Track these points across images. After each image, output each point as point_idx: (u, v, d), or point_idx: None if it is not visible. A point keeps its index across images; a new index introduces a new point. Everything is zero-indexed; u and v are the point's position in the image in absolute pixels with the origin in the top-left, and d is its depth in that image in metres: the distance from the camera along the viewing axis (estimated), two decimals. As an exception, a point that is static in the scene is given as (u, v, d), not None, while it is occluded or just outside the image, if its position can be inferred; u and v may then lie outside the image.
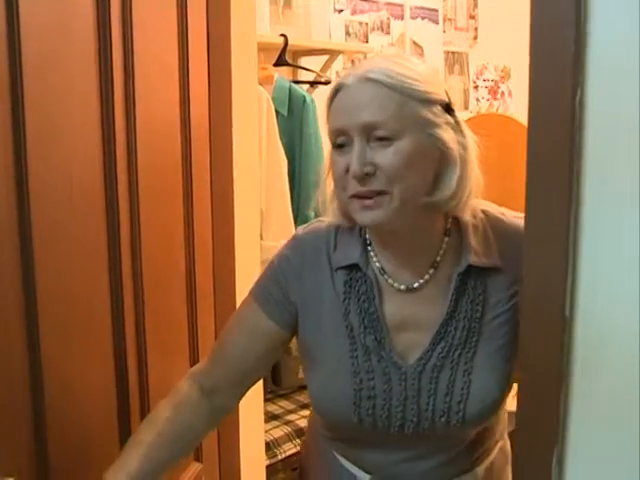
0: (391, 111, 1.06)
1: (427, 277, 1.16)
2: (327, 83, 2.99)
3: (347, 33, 3.39)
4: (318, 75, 2.99)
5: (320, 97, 2.91)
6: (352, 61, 3.41)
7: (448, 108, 1.13)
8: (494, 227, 1.19)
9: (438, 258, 1.16)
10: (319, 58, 3.11)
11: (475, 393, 1.14)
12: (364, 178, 1.06)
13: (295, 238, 1.26)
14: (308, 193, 2.61)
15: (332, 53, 3.10)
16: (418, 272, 1.16)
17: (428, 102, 1.09)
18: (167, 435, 1.22)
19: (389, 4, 3.58)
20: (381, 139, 1.06)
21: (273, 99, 2.44)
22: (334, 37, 3.32)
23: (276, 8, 3.07)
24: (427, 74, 1.12)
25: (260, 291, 1.26)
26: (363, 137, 1.07)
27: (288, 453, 2.42)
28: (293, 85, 2.63)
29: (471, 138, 1.15)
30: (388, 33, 3.58)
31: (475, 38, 4.08)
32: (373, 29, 3.51)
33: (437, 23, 3.85)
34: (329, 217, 1.22)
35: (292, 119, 2.58)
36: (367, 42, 3.47)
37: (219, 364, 1.28)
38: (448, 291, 1.15)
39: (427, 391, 1.14)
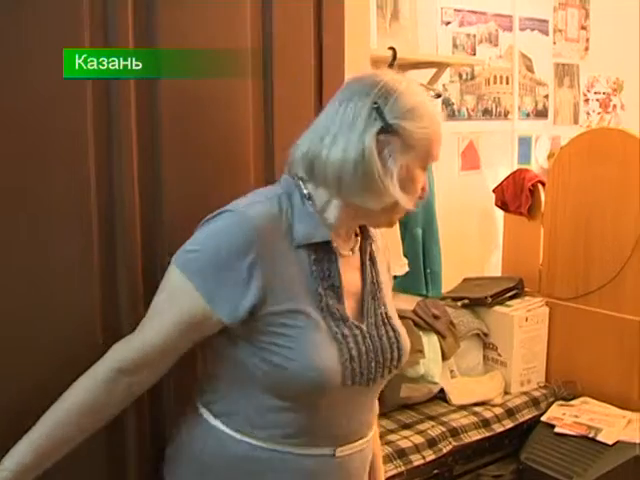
0: None
1: (358, 245, 1.34)
2: (438, 96, 2.94)
3: (454, 45, 3.33)
4: (427, 88, 2.93)
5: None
6: (459, 74, 3.35)
7: None
8: None
9: (357, 232, 1.35)
10: (425, 71, 3.06)
11: (402, 335, 1.36)
12: None
13: (238, 214, 1.22)
14: (415, 210, 2.57)
15: (439, 66, 3.04)
16: (351, 242, 1.34)
17: None
18: (74, 411, 1.23)
19: (498, 15, 3.50)
20: None
21: (381, 113, 2.40)
22: (441, 49, 3.27)
23: (383, 21, 3.05)
24: None
25: (202, 281, 1.19)
26: None
27: (388, 474, 2.38)
28: (402, 99, 2.59)
29: None
30: (496, 45, 3.50)
31: (586, 49, 3.94)
32: (481, 41, 3.43)
33: (547, 34, 3.74)
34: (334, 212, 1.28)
35: (401, 133, 2.54)
36: (474, 54, 3.41)
37: (139, 343, 1.25)
38: (364, 257, 1.34)
39: (382, 344, 1.31)
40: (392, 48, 2.66)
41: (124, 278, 1.38)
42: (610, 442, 2.54)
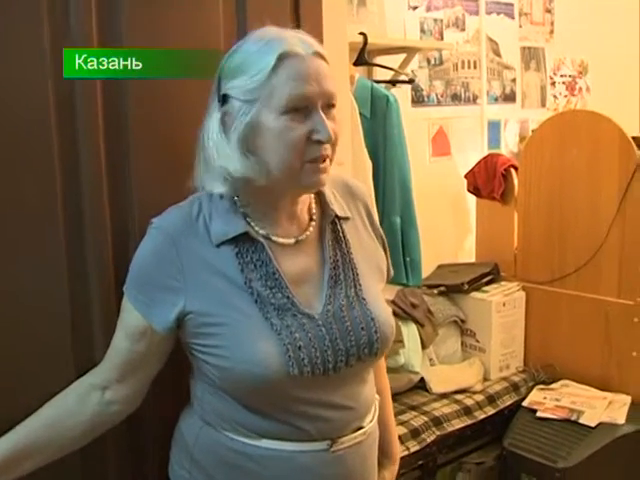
0: (334, 82, 1.19)
1: (311, 229, 1.29)
2: (411, 82, 2.90)
3: (422, 30, 3.29)
4: (398, 73, 2.90)
5: (400, 96, 2.83)
6: (428, 60, 3.32)
7: None
8: (337, 188, 1.37)
9: (314, 216, 1.31)
10: (395, 57, 3.03)
11: (379, 318, 1.28)
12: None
13: (153, 227, 1.25)
14: (393, 197, 2.53)
15: (408, 51, 3.01)
16: (300, 229, 1.29)
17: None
18: (44, 417, 1.24)
19: (464, 0, 3.47)
20: (330, 108, 1.18)
21: (355, 100, 2.36)
22: (409, 35, 3.23)
23: (350, 7, 2.99)
24: None
25: (134, 295, 1.25)
26: (321, 105, 1.17)
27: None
28: (375, 85, 2.54)
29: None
30: (463, 29, 3.47)
31: (551, 32, 3.94)
32: (448, 25, 3.40)
33: (513, 18, 3.73)
34: (213, 188, 1.23)
35: (375, 120, 2.49)
36: (442, 39, 3.37)
37: (107, 360, 1.29)
38: (324, 239, 1.29)
39: (345, 330, 1.24)
40: (363, 34, 2.62)
41: (95, 281, 1.36)
42: (593, 424, 2.54)
